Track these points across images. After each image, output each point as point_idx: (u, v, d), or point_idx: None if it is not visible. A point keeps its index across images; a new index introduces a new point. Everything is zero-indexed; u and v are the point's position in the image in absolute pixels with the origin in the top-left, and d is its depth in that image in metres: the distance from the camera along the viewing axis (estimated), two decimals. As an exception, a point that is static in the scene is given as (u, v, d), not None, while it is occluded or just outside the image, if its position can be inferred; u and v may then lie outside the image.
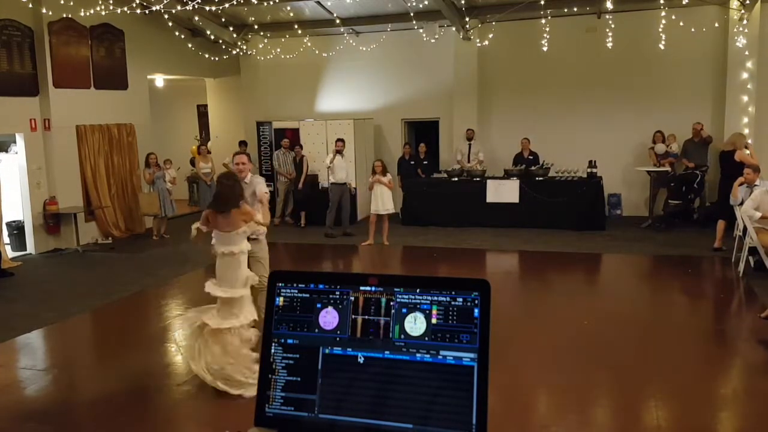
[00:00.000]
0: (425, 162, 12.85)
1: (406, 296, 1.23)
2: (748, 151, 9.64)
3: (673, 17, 11.08)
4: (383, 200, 10.38)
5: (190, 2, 10.05)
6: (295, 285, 1.30)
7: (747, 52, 11.32)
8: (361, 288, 1.26)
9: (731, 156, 9.79)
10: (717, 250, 9.37)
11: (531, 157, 12.24)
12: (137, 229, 12.31)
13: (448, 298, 1.21)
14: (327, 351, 1.25)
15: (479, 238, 10.91)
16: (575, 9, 11.49)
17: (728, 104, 11.59)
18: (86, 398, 5.29)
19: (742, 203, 8.23)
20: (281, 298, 1.30)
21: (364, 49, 13.37)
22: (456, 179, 12.07)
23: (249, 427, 1.25)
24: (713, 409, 4.85)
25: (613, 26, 11.26)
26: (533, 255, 9.87)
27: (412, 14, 11.74)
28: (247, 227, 5.35)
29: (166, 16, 11.31)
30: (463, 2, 11.94)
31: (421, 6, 11.76)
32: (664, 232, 10.85)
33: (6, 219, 10.33)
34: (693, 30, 11.27)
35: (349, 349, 1.24)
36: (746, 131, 11.06)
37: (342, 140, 11.37)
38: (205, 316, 5.11)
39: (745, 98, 11.45)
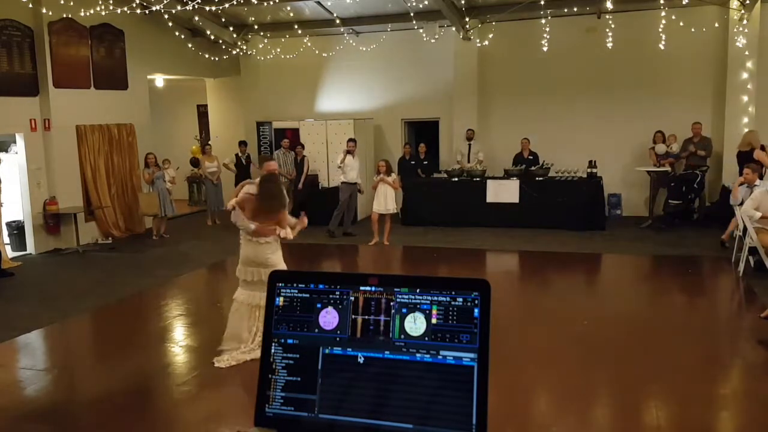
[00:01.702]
0: (425, 162, 12.85)
1: (406, 296, 1.23)
2: (763, 152, 9.60)
3: (673, 17, 11.08)
4: (387, 200, 10.38)
5: (190, 2, 10.05)
6: (295, 285, 1.30)
7: (747, 52, 11.32)
8: (361, 288, 1.26)
9: (749, 156, 9.73)
10: (722, 244, 9.40)
11: (531, 157, 12.24)
12: (137, 229, 12.31)
13: (448, 298, 1.21)
14: (327, 351, 1.25)
15: (479, 238, 10.90)
16: (575, 9, 11.49)
17: (728, 104, 11.59)
18: (86, 398, 5.28)
19: (742, 203, 8.23)
20: (281, 298, 1.30)
21: (364, 49, 13.37)
22: (456, 179, 12.07)
23: (249, 427, 1.25)
24: (713, 409, 4.85)
25: (613, 26, 11.25)
26: (533, 255, 9.87)
27: (412, 14, 11.73)
28: (278, 226, 5.82)
29: (166, 16, 11.30)
30: (463, 2, 11.94)
31: (421, 6, 11.76)
32: (664, 232, 10.84)
33: (6, 219, 10.32)
34: (693, 30, 11.27)
35: (349, 349, 1.24)
36: (746, 131, 11.05)
37: (354, 140, 11.35)
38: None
39: (745, 98, 11.44)
